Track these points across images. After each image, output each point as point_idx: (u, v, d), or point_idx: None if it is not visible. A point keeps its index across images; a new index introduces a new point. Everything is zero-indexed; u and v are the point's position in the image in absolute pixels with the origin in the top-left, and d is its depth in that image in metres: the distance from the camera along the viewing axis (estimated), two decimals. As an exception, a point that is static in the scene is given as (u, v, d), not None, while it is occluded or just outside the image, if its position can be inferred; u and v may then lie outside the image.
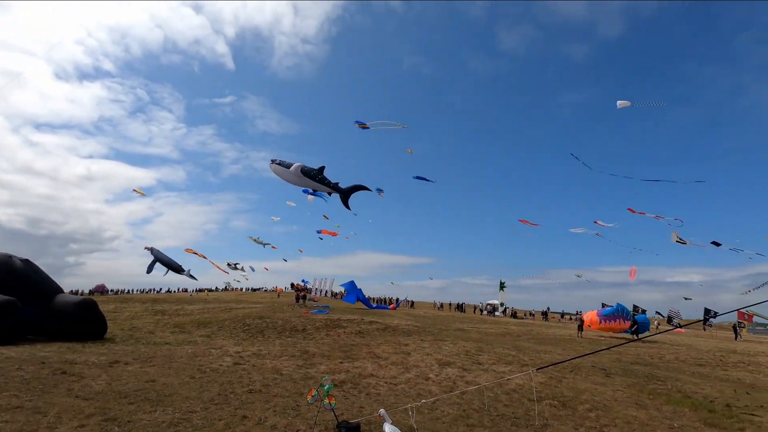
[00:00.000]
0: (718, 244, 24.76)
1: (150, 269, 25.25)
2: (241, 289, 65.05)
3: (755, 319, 37.61)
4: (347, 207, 18.32)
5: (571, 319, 48.57)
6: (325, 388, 6.22)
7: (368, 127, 20.28)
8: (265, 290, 67.78)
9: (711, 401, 8.91)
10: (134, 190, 31.08)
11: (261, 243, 42.37)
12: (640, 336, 23.53)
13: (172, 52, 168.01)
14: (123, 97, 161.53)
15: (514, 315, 51.69)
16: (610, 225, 32.88)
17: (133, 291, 65.76)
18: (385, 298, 57.69)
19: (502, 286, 50.72)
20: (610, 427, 6.97)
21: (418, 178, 21.91)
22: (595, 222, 34.27)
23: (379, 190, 28.65)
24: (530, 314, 59.36)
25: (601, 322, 24.94)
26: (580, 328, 25.93)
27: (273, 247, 46.81)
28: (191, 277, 25.43)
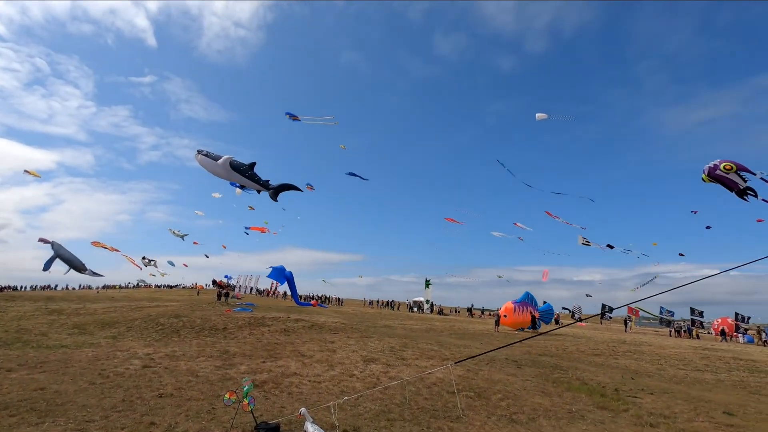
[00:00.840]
0: (611, 247, 27.93)
1: (48, 266, 22.31)
2: (157, 286, 60.30)
3: (641, 313, 42.90)
4: (275, 200, 17.78)
5: (490, 314, 51.72)
6: (245, 388, 5.97)
7: (300, 120, 19.83)
8: (184, 287, 63.51)
9: (603, 387, 9.99)
10: (26, 171, 27.23)
11: (180, 235, 39.59)
12: (546, 330, 25.75)
13: (82, 20, 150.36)
14: (17, 66, 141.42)
15: (440, 312, 53.78)
16: (528, 228, 35.50)
17: (23, 288, 57.81)
18: (308, 295, 56.94)
19: (427, 283, 52.52)
20: (519, 414, 7.52)
21: (350, 174, 21.88)
22: (515, 224, 36.84)
23: (308, 185, 28.15)
24: (456, 311, 62.19)
25: (515, 310, 27.07)
26: (497, 323, 27.99)
27: (195, 242, 44.02)
28: (95, 274, 22.93)
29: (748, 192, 9.69)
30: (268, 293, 71.25)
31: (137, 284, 63.77)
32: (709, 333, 38.37)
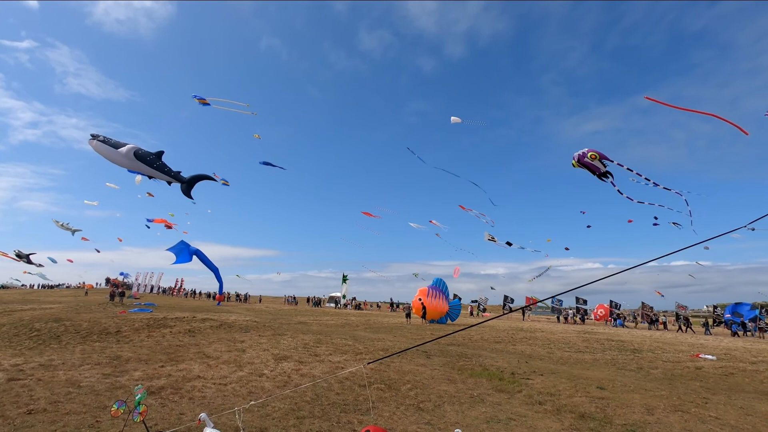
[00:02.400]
0: (510, 244, 30.57)
1: None
2: (32, 286, 52.41)
3: (537, 303, 47.52)
4: (189, 197, 16.45)
5: (401, 308, 53.52)
6: (137, 397, 5.43)
7: (209, 104, 18.53)
8: (68, 287, 56.05)
9: (502, 371, 10.88)
10: None
11: (70, 229, 34.71)
12: (478, 322, 27.37)
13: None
14: None
15: (358, 307, 54.28)
16: (443, 226, 37.20)
17: None
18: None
19: (344, 279, 52.67)
20: (426, 402, 7.87)
21: (265, 163, 20.93)
22: (431, 222, 38.41)
23: (223, 180, 26.52)
24: (377, 306, 63.26)
25: (429, 293, 28.28)
26: (408, 315, 29.37)
27: (84, 238, 38.94)
28: None
29: (607, 175, 11.37)
30: (173, 291, 65.83)
31: (2, 285, 54.76)
32: (590, 318, 43.80)
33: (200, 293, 64.64)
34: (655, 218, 28.61)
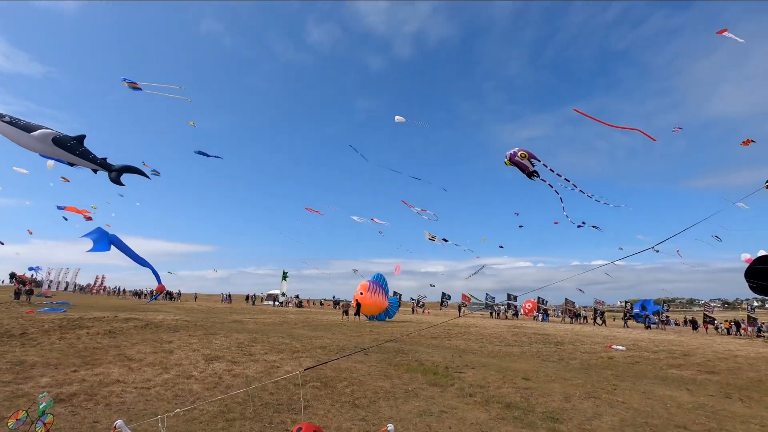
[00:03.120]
0: (446, 240, 31.80)
1: None
2: None
3: (472, 299, 49.64)
4: (119, 184, 15.13)
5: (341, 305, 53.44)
6: (42, 406, 4.91)
7: (140, 89, 17.20)
8: (-38, 284, 49.47)
9: (436, 366, 11.22)
10: None
11: None
12: (441, 322, 27.81)
13: None
14: None
15: (299, 305, 53.27)
16: (385, 223, 37.53)
17: None
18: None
19: (285, 276, 51.46)
20: (361, 398, 7.92)
21: (200, 153, 19.79)
22: (372, 219, 38.63)
23: (154, 171, 24.74)
24: (320, 303, 62.33)
25: (369, 287, 28.43)
26: (346, 312, 29.41)
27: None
28: None
29: (534, 174, 12.26)
30: (92, 289, 60.47)
31: None
32: (519, 314, 46.54)
33: (124, 291, 59.94)
34: (583, 222, 31.01)
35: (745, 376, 12.83)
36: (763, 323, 35.47)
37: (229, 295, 56.23)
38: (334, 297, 60.66)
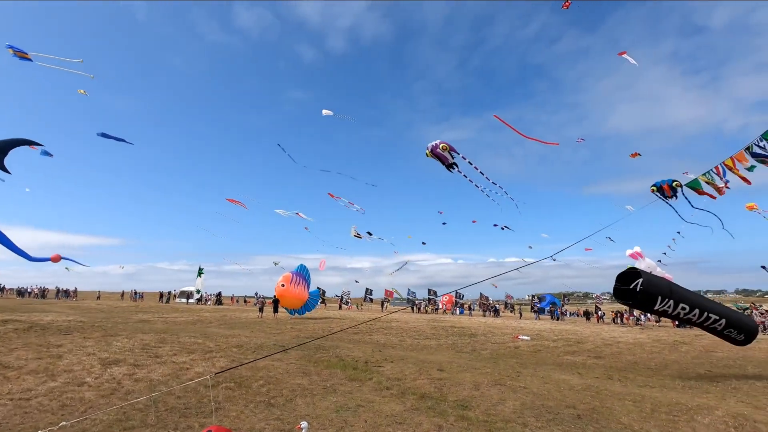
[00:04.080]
0: (370, 234, 32.44)
1: None
2: None
3: (395, 294, 50.87)
4: (3, 169, 12.96)
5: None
6: None
7: (30, 59, 15.03)
8: None
9: (356, 361, 11.32)
10: None
11: None
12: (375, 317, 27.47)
13: None
14: None
15: (218, 302, 50.39)
16: (310, 218, 36.80)
17: None
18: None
19: (200, 272, 48.36)
20: (277, 397, 7.72)
21: (103, 135, 17.66)
22: (297, 214, 37.70)
23: (47, 153, 21.82)
24: (245, 300, 59.28)
25: (292, 279, 27.49)
26: (261, 309, 29.01)
27: None
28: None
29: (454, 166, 12.95)
30: (-41, 287, 51.77)
31: None
32: (438, 308, 48.67)
33: (4, 289, 52.14)
34: (503, 227, 33.33)
35: (625, 359, 14.74)
36: (642, 314, 41.07)
37: (138, 293, 51.52)
38: (256, 294, 58.30)
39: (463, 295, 48.24)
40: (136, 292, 51.83)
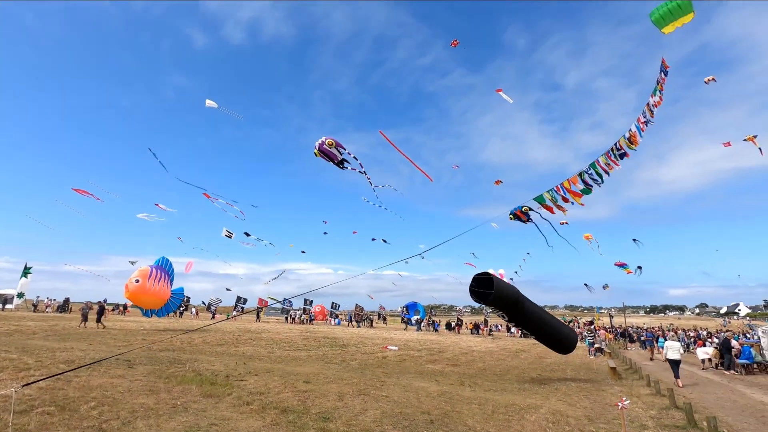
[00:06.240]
0: (248, 234, 31.14)
1: None
2: None
3: (270, 302, 48.78)
4: None
5: (117, 309, 44.80)
6: None
7: None
8: None
9: (216, 375, 10.47)
10: None
11: None
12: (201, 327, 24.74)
13: None
14: None
15: (64, 309, 41.76)
16: (171, 210, 33.00)
17: None
18: None
19: (26, 271, 39.85)
20: (113, 420, 6.67)
21: None
22: (156, 204, 33.59)
23: None
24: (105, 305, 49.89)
25: (151, 274, 23.97)
26: (85, 318, 23.79)
27: None
28: None
29: (344, 162, 13.18)
30: None
31: None
32: (313, 318, 48.14)
33: None
34: (383, 240, 34.50)
35: (476, 366, 16.40)
36: (495, 324, 46.44)
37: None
38: (105, 300, 50.13)
39: (339, 306, 48.57)
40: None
